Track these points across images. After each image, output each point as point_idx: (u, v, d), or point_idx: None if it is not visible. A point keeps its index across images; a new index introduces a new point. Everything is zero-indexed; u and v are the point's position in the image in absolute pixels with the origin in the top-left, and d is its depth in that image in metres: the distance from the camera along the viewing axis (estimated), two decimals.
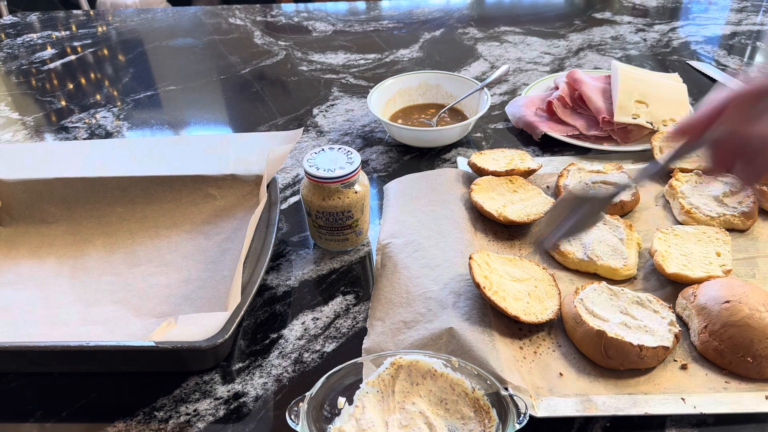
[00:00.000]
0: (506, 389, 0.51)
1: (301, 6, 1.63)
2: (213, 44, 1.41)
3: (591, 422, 0.54)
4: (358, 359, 0.56)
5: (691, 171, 0.80)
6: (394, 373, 0.54)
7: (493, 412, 0.51)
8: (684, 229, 0.71)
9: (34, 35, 1.50)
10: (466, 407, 0.52)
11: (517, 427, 0.49)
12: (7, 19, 1.62)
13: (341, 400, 0.53)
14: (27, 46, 1.43)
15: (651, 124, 0.91)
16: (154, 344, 0.54)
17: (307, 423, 0.49)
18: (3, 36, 1.50)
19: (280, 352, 0.62)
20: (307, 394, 0.51)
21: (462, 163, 0.88)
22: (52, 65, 1.33)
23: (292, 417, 0.50)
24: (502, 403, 0.50)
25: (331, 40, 1.41)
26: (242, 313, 0.57)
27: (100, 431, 0.55)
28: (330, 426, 0.51)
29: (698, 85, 1.13)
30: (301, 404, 0.50)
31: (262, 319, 0.66)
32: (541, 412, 0.53)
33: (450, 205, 0.77)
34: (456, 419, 0.52)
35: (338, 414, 0.52)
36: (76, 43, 1.44)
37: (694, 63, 1.22)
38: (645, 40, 1.34)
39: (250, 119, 1.08)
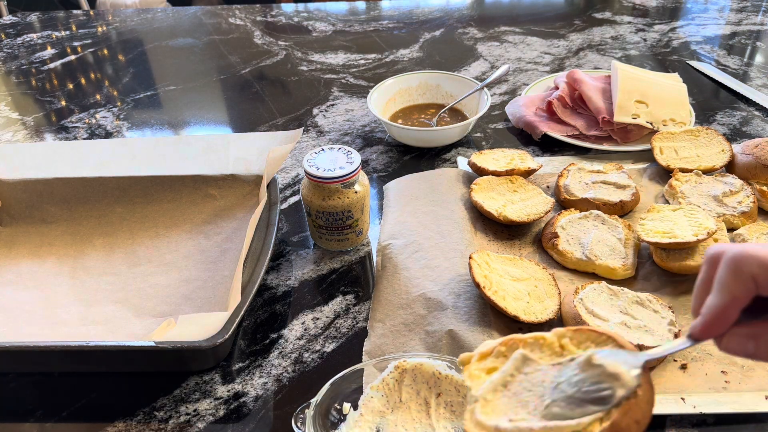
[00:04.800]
0: None
1: (301, 6, 1.63)
2: (213, 44, 1.41)
3: None
4: (361, 364, 0.55)
5: (691, 171, 0.80)
6: (399, 377, 0.53)
7: None
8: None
9: (34, 35, 1.50)
10: None
11: None
12: (7, 19, 1.62)
13: (346, 406, 0.52)
14: (27, 46, 1.43)
15: (651, 124, 0.91)
16: (154, 344, 0.54)
17: (314, 431, 0.49)
18: (3, 36, 1.50)
19: (280, 352, 0.62)
20: (312, 401, 0.51)
21: (462, 163, 0.88)
22: (52, 65, 1.33)
23: (299, 425, 0.50)
24: None
25: (331, 40, 1.41)
26: (242, 313, 0.57)
27: (100, 431, 0.55)
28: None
29: (698, 85, 1.13)
30: (306, 411, 0.50)
31: (262, 319, 0.66)
32: None
33: (450, 205, 0.77)
34: (462, 421, 0.52)
35: (344, 420, 0.52)
36: (76, 43, 1.44)
37: (694, 63, 1.22)
38: (645, 40, 1.34)
39: (250, 119, 1.08)
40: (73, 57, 1.37)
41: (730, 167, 0.82)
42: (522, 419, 0.37)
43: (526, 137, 0.98)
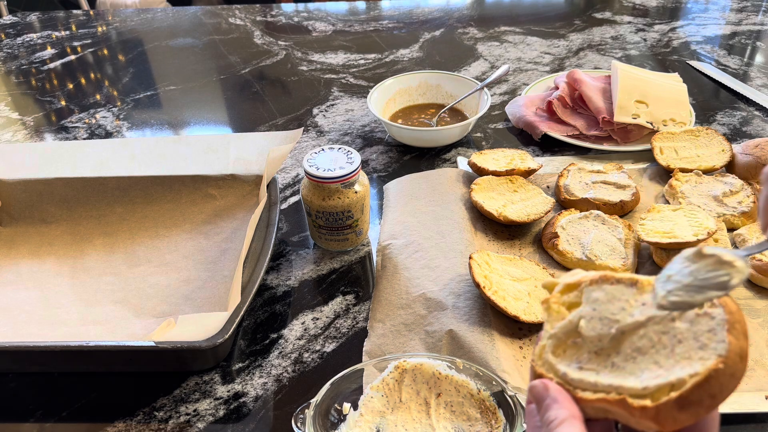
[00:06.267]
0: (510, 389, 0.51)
1: (301, 6, 1.63)
2: (213, 44, 1.41)
3: None
4: (361, 364, 0.55)
5: (691, 171, 0.80)
6: (399, 377, 0.53)
7: (500, 413, 0.50)
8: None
9: (34, 35, 1.50)
10: (472, 408, 0.52)
11: (525, 427, 0.48)
12: (7, 19, 1.62)
13: (346, 406, 0.52)
14: (27, 46, 1.43)
15: (651, 124, 0.91)
16: (154, 344, 0.54)
17: (314, 431, 0.49)
18: (3, 36, 1.50)
19: (280, 352, 0.62)
20: (312, 401, 0.51)
21: (462, 163, 0.88)
22: (52, 65, 1.33)
23: (299, 425, 0.50)
24: (508, 403, 0.50)
25: (331, 40, 1.41)
26: (242, 313, 0.57)
27: (100, 431, 0.55)
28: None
29: (698, 85, 1.13)
30: (306, 411, 0.50)
31: (262, 319, 0.66)
32: None
33: (450, 205, 0.77)
34: (462, 421, 0.52)
35: (344, 420, 0.52)
36: (76, 43, 1.44)
37: (694, 63, 1.22)
38: (645, 40, 1.34)
39: (250, 119, 1.08)
40: (73, 57, 1.37)
41: (730, 167, 0.82)
42: (592, 369, 0.35)
43: (526, 137, 0.98)
